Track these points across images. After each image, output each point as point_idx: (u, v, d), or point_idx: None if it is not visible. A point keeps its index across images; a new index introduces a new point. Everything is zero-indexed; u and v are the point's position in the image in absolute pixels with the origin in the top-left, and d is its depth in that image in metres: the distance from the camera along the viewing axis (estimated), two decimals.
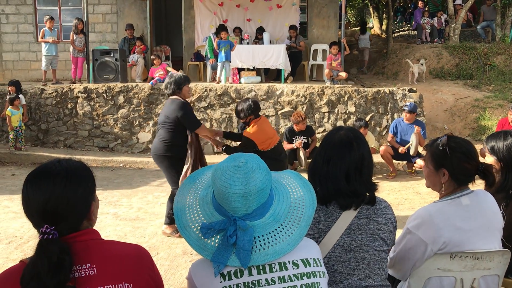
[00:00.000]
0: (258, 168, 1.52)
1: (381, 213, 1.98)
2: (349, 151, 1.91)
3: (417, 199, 6.29)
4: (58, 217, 1.44)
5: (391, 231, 1.95)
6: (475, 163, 2.11)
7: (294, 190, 1.66)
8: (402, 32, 17.74)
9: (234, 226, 1.47)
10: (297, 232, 1.54)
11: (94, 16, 12.14)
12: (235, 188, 1.47)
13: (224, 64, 9.38)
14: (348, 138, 1.94)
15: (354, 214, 1.90)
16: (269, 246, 1.49)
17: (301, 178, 1.73)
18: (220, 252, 1.47)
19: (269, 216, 1.53)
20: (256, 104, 5.09)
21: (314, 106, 9.00)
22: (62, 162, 1.54)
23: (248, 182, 1.48)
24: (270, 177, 1.56)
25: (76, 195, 1.48)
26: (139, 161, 8.54)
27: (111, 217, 5.57)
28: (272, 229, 1.52)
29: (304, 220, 1.57)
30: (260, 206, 1.51)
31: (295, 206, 1.60)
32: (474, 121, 9.84)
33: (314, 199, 1.64)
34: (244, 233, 1.46)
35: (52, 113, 9.45)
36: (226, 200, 1.49)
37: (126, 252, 1.51)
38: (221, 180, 1.50)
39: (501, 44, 13.13)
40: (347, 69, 11.34)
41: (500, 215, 2.17)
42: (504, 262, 2.11)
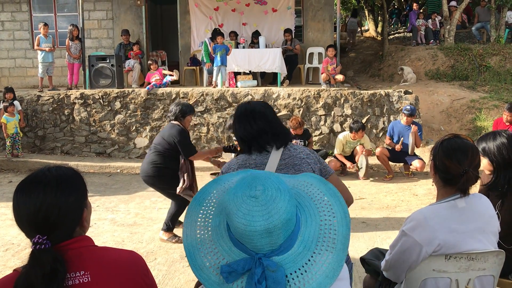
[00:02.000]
0: (280, 194, 1.25)
1: (300, 151, 2.33)
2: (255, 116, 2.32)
3: (414, 201, 6.30)
4: (50, 226, 1.43)
5: (315, 162, 2.32)
6: (457, 166, 2.02)
7: (320, 202, 1.39)
8: (397, 34, 17.80)
9: (260, 267, 1.21)
10: (334, 259, 1.28)
11: (90, 22, 12.17)
12: (256, 225, 1.21)
13: (220, 69, 9.40)
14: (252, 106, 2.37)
15: (279, 156, 2.26)
16: (305, 283, 1.23)
17: (325, 183, 1.45)
18: None
19: (298, 245, 1.28)
20: None
21: (310, 109, 9.02)
22: (52, 170, 1.52)
23: (270, 215, 1.22)
24: (293, 199, 1.30)
25: (67, 203, 1.47)
26: (136, 167, 8.52)
27: (109, 223, 5.57)
28: (305, 261, 1.26)
29: (340, 242, 1.31)
30: (287, 238, 1.26)
31: (326, 225, 1.33)
32: (470, 122, 9.87)
33: (346, 212, 1.38)
34: (275, 274, 1.20)
35: (49, 119, 9.45)
36: (247, 238, 1.23)
37: (120, 258, 1.51)
38: (238, 217, 1.23)
39: (496, 45, 13.19)
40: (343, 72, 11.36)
41: (496, 219, 2.18)
42: (499, 263, 2.12)
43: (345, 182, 7.47)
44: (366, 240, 4.78)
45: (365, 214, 5.72)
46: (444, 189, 2.14)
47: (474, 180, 2.06)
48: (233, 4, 11.83)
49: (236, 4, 11.83)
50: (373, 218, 5.57)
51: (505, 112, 7.31)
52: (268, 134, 2.28)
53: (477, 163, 2.09)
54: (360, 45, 17.86)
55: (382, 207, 6.06)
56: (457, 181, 2.05)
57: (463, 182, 2.03)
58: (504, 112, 7.34)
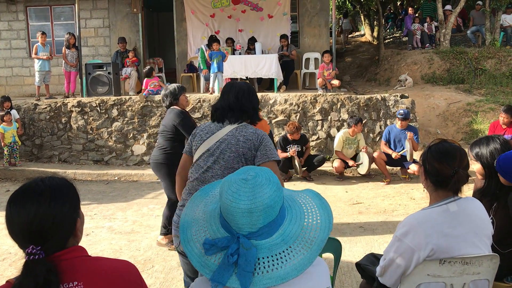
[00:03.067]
0: (268, 182, 1.41)
1: (244, 134, 2.57)
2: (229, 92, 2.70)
3: (411, 205, 6.31)
4: (44, 236, 1.43)
5: (249, 149, 2.54)
6: (447, 167, 2.07)
7: (310, 210, 1.53)
8: (393, 39, 17.87)
9: (237, 244, 1.36)
10: (306, 256, 1.40)
11: (86, 30, 12.20)
12: (240, 203, 1.37)
13: (217, 75, 9.42)
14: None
15: (227, 131, 2.59)
16: (274, 269, 1.36)
17: (320, 198, 1.60)
18: (221, 272, 1.36)
19: (277, 236, 1.41)
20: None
21: (307, 114, 9.04)
22: (45, 180, 1.53)
23: (254, 197, 1.37)
24: (281, 194, 1.44)
25: (61, 213, 1.47)
26: (134, 174, 8.54)
27: (106, 231, 5.56)
28: (280, 251, 1.39)
29: (316, 244, 1.43)
30: (267, 224, 1.39)
31: (308, 227, 1.46)
32: (466, 125, 9.90)
33: (331, 223, 1.51)
34: (247, 253, 1.34)
35: (46, 128, 9.45)
36: (231, 215, 1.39)
37: (113, 269, 1.51)
38: (227, 194, 1.40)
39: (491, 48, 13.26)
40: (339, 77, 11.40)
41: (489, 222, 2.19)
42: (493, 267, 2.13)
43: (343, 187, 7.50)
44: (363, 245, 4.79)
45: (363, 219, 5.73)
46: (436, 193, 2.16)
47: (465, 180, 2.11)
48: (229, 10, 11.87)
49: (232, 10, 11.88)
50: (371, 222, 5.58)
51: (501, 114, 7.31)
52: (230, 110, 2.62)
53: (465, 164, 2.13)
54: (356, 49, 17.93)
55: (379, 211, 6.07)
56: (448, 183, 2.08)
57: (455, 182, 2.07)
58: (501, 114, 7.35)
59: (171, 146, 4.77)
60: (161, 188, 7.62)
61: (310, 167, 8.00)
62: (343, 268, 4.11)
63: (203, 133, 2.63)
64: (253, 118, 2.70)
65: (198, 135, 2.65)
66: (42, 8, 12.43)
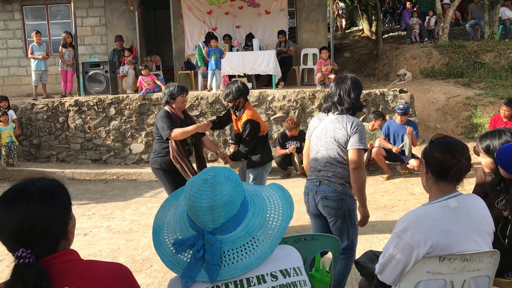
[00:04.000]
0: (227, 180, 1.49)
1: (346, 122, 3.13)
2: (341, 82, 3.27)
3: (411, 200, 6.28)
4: (34, 239, 1.39)
5: (344, 135, 3.11)
6: (449, 156, 2.06)
7: (273, 203, 1.62)
8: (391, 33, 17.81)
9: (202, 240, 1.45)
10: (268, 245, 1.49)
11: (83, 28, 12.15)
12: (201, 202, 1.45)
13: (215, 72, 9.38)
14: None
15: (330, 119, 3.20)
16: (238, 260, 1.45)
17: (282, 190, 1.68)
18: (190, 268, 1.44)
19: (241, 229, 1.49)
20: (245, 86, 4.79)
21: (306, 110, 9.00)
22: (36, 181, 1.48)
23: (214, 195, 1.45)
24: (241, 189, 1.53)
25: (52, 216, 1.43)
26: (132, 173, 8.50)
27: (104, 230, 5.53)
28: (244, 242, 1.48)
29: (277, 232, 1.52)
30: (229, 219, 1.47)
31: (270, 219, 1.56)
32: (466, 119, 9.87)
33: (292, 212, 1.60)
34: (212, 248, 1.43)
35: (44, 127, 9.41)
36: (194, 214, 1.47)
37: (105, 272, 1.47)
38: (190, 194, 1.48)
39: (490, 41, 13.20)
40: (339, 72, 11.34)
41: (490, 218, 2.15)
42: (494, 263, 2.09)
43: None
44: (363, 242, 4.75)
45: None
46: (437, 186, 2.12)
47: (467, 169, 2.09)
48: (226, 7, 11.81)
49: (229, 7, 11.82)
50: (370, 218, 5.52)
51: (502, 107, 7.24)
52: (337, 101, 3.19)
53: (467, 156, 2.11)
54: (355, 44, 17.86)
55: (379, 207, 6.03)
56: (450, 172, 2.06)
57: (456, 170, 2.05)
58: (502, 107, 7.28)
59: (160, 149, 4.67)
60: (159, 186, 7.60)
61: None
62: None
63: (315, 121, 3.30)
64: (353, 110, 3.21)
65: (311, 123, 3.32)
66: (38, 7, 12.37)
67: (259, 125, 4.81)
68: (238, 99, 4.73)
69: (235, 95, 4.68)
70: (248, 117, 4.73)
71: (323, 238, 2.44)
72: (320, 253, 2.20)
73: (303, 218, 5.60)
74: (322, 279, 2.31)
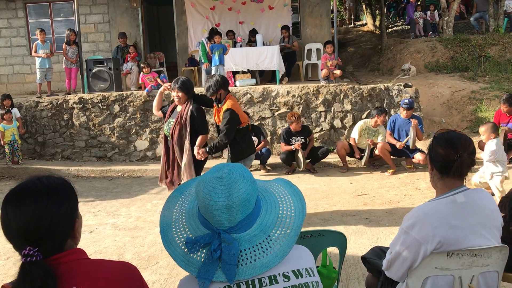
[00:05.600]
0: (242, 178, 1.46)
1: None
2: None
3: (417, 195, 6.25)
4: (41, 238, 1.38)
5: None
6: (451, 152, 2.04)
7: (284, 198, 1.59)
8: (395, 28, 17.72)
9: (218, 240, 1.41)
10: (285, 243, 1.46)
11: (86, 26, 12.14)
12: (218, 200, 1.41)
13: (218, 68, 9.36)
14: None
15: None
16: (256, 259, 1.42)
17: (291, 185, 1.65)
18: (206, 268, 1.40)
19: (256, 227, 1.46)
20: (223, 79, 5.05)
21: (310, 106, 8.97)
22: (43, 179, 1.47)
23: (231, 193, 1.42)
24: (256, 187, 1.50)
25: (59, 214, 1.42)
26: (137, 169, 8.51)
27: (110, 228, 5.54)
28: (260, 241, 1.45)
29: (293, 230, 1.50)
30: (245, 217, 1.44)
31: (284, 215, 1.53)
32: (471, 113, 9.81)
33: (304, 208, 1.57)
34: (229, 247, 1.39)
35: (48, 125, 9.43)
36: (209, 213, 1.43)
37: (113, 272, 1.45)
38: (204, 193, 1.44)
39: (495, 34, 13.10)
40: (342, 67, 11.31)
41: (498, 213, 2.13)
42: (503, 258, 2.07)
43: (347, 178, 7.46)
44: (369, 237, 4.74)
45: (368, 210, 5.68)
46: (442, 181, 2.11)
47: (470, 164, 2.07)
48: (229, 3, 11.78)
49: (232, 3, 11.78)
50: (376, 214, 5.53)
51: (501, 104, 7.36)
52: None
53: (471, 150, 2.09)
54: (359, 39, 17.78)
55: (384, 202, 6.02)
56: (452, 167, 2.05)
57: (458, 166, 2.04)
58: (501, 104, 7.37)
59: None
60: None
61: (314, 159, 7.93)
62: (349, 261, 4.07)
63: None
64: None
65: None
66: (41, 5, 12.37)
67: (239, 116, 4.92)
68: (218, 91, 4.95)
69: (215, 88, 4.93)
70: (229, 106, 4.89)
71: (329, 234, 2.43)
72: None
73: (308, 213, 5.60)
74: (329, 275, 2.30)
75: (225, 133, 4.87)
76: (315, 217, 5.49)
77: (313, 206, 5.96)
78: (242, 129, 5.04)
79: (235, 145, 5.07)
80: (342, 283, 3.65)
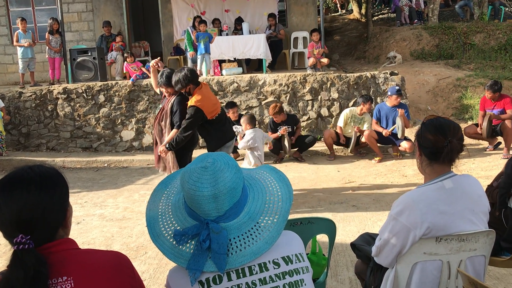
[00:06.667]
0: (227, 166, 1.45)
1: None
2: None
3: (403, 182, 6.31)
4: (33, 226, 1.37)
5: None
6: (441, 138, 2.05)
7: (270, 185, 1.58)
8: (381, 16, 17.73)
9: (207, 230, 1.40)
10: (274, 228, 1.46)
11: (69, 15, 11.93)
12: (204, 190, 1.40)
13: (204, 57, 9.30)
14: None
15: None
16: (246, 246, 1.41)
17: (276, 171, 1.65)
18: (196, 259, 1.40)
19: (244, 215, 1.46)
20: (192, 72, 4.89)
21: (297, 94, 8.96)
22: (35, 168, 1.46)
23: (217, 182, 1.41)
24: (241, 175, 1.49)
25: (52, 202, 1.41)
26: (124, 160, 8.45)
27: (97, 219, 5.50)
28: (248, 228, 1.44)
29: (281, 215, 1.49)
30: (232, 206, 1.44)
31: (271, 201, 1.52)
32: (456, 101, 9.89)
33: (291, 192, 1.57)
34: (218, 236, 1.39)
35: (32, 116, 9.29)
36: (196, 203, 1.42)
37: (104, 262, 1.44)
38: (189, 184, 1.43)
39: (480, 22, 13.20)
40: (328, 55, 11.29)
41: (486, 198, 2.15)
42: (489, 242, 2.09)
43: (335, 166, 7.49)
44: (357, 224, 4.78)
45: (355, 198, 5.71)
46: (431, 168, 2.12)
47: (459, 150, 2.08)
48: None
49: None
50: (363, 201, 5.57)
51: (486, 91, 7.46)
52: None
53: (460, 136, 2.10)
54: (345, 27, 17.77)
55: (372, 189, 6.06)
56: (442, 153, 2.05)
57: (448, 151, 2.04)
58: (486, 91, 7.46)
59: None
60: (151, 173, 7.58)
61: (302, 147, 7.95)
62: (337, 248, 4.09)
63: None
64: None
65: None
66: None
67: (203, 112, 4.85)
68: (187, 86, 4.85)
69: (184, 83, 4.82)
70: (192, 103, 4.83)
71: (319, 222, 2.43)
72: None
73: (296, 202, 5.62)
74: (319, 262, 2.32)
75: (184, 128, 4.85)
76: (303, 205, 5.51)
77: (301, 194, 5.98)
78: (213, 121, 4.99)
79: (208, 137, 5.10)
80: (331, 270, 3.67)
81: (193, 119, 4.82)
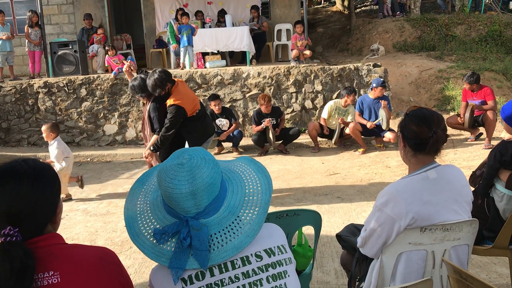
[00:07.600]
0: (204, 162, 1.43)
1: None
2: None
3: (387, 173, 6.36)
4: (23, 219, 1.36)
5: None
6: (425, 129, 2.05)
7: (249, 176, 1.56)
8: (364, 8, 17.80)
9: (187, 227, 1.38)
10: (255, 221, 1.44)
11: (49, 7, 11.73)
12: (181, 188, 1.37)
13: (187, 49, 9.22)
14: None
15: None
16: (227, 241, 1.40)
17: (255, 163, 1.63)
18: (177, 257, 1.37)
19: (224, 209, 1.44)
20: (165, 72, 4.87)
21: (281, 87, 8.96)
22: (29, 161, 1.45)
23: (194, 179, 1.38)
24: (219, 169, 1.47)
25: (43, 197, 1.41)
26: (107, 154, 8.36)
27: (81, 214, 5.44)
28: (229, 223, 1.43)
29: (262, 207, 1.48)
30: (212, 201, 1.42)
31: (250, 194, 1.51)
32: (438, 92, 10.00)
33: (270, 184, 1.55)
34: (199, 233, 1.37)
35: (13, 110, 9.13)
36: (174, 201, 1.40)
37: (91, 257, 1.43)
38: (166, 182, 1.40)
39: (461, 14, 13.33)
40: (312, 48, 11.30)
41: (469, 188, 2.18)
42: (473, 231, 2.12)
43: (319, 158, 7.52)
44: (341, 215, 4.81)
45: (340, 189, 5.74)
46: (416, 159, 2.13)
47: (444, 140, 2.09)
48: None
49: None
50: (348, 192, 5.60)
51: (465, 82, 7.56)
52: None
53: (443, 126, 2.11)
54: (328, 19, 17.78)
55: (356, 181, 6.10)
56: (427, 144, 2.06)
57: (433, 142, 2.05)
58: (465, 83, 7.56)
59: None
60: (135, 167, 7.52)
61: (286, 140, 7.96)
62: (323, 239, 4.11)
63: None
64: None
65: None
66: None
67: (184, 110, 4.85)
68: (165, 87, 4.83)
69: (162, 85, 4.79)
70: (171, 102, 4.83)
71: (305, 213, 2.44)
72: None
73: (281, 194, 5.63)
74: (305, 254, 2.32)
75: (166, 127, 4.85)
76: (289, 198, 5.52)
77: (286, 186, 5.99)
78: (192, 118, 5.00)
79: (189, 135, 5.09)
80: (316, 261, 3.69)
81: (174, 118, 4.81)
